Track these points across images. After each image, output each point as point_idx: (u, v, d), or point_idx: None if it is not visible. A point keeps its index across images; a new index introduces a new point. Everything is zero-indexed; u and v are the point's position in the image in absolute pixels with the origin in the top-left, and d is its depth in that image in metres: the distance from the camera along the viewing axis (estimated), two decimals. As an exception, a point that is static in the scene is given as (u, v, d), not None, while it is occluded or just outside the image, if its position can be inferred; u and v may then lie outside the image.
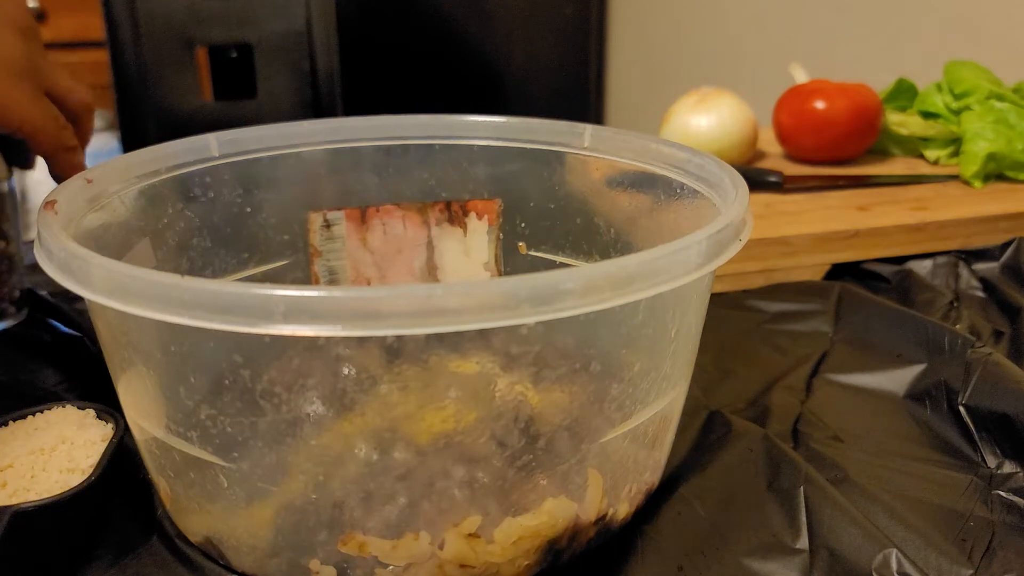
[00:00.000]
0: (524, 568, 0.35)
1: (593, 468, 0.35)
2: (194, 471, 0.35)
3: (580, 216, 0.50)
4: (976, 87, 0.81)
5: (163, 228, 0.45)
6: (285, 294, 0.27)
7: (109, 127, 1.88)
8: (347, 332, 0.27)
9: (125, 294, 0.29)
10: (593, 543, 0.37)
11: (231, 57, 1.69)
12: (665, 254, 0.31)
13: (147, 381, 0.35)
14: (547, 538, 0.34)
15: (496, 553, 0.34)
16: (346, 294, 0.27)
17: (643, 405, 0.36)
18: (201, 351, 0.33)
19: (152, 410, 0.35)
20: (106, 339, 0.36)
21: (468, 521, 0.33)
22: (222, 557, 0.36)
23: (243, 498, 0.35)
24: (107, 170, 0.41)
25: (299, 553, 0.34)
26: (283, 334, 0.27)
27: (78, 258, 0.31)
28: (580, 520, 0.35)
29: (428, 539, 0.33)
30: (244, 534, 0.35)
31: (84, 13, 1.87)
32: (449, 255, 0.52)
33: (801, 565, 0.37)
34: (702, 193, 0.42)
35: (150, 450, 0.37)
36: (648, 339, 0.35)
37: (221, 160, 0.47)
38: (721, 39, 1.50)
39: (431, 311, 0.27)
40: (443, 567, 0.33)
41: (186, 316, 0.28)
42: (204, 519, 0.36)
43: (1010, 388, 0.45)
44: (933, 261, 0.67)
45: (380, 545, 0.33)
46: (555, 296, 0.28)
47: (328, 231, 0.50)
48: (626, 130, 0.49)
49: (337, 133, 0.51)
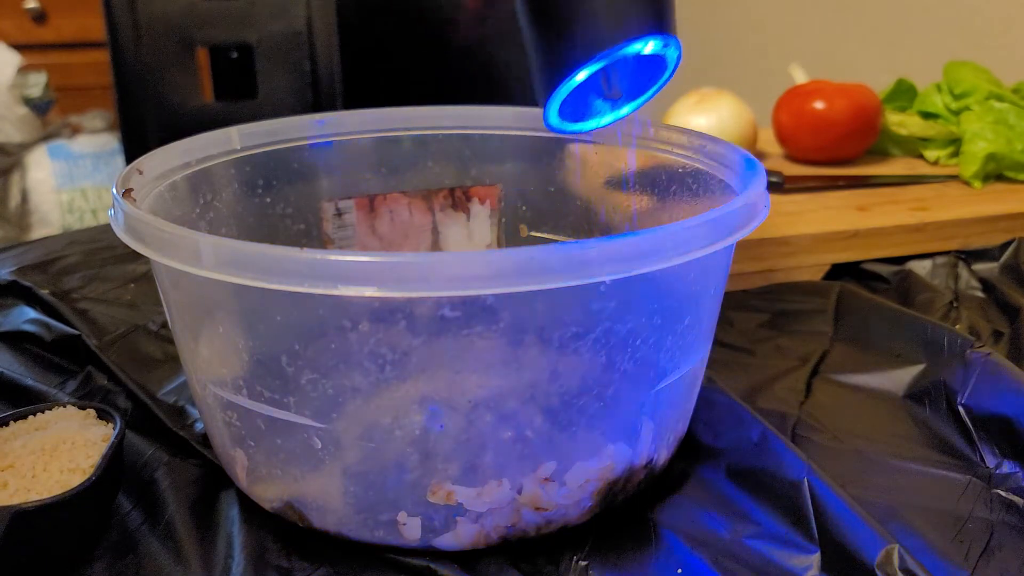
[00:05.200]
0: (587, 510, 0.39)
1: (646, 416, 0.39)
2: (282, 437, 0.37)
3: (579, 198, 0.53)
4: (976, 87, 0.81)
5: (196, 218, 0.47)
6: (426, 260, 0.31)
7: (110, 127, 1.88)
8: (495, 289, 0.31)
9: (244, 268, 0.31)
10: (641, 486, 0.41)
11: (231, 57, 1.69)
12: (720, 215, 0.35)
13: (243, 353, 0.37)
14: (608, 481, 0.38)
15: (566, 495, 0.37)
16: (471, 257, 0.31)
17: (687, 356, 0.40)
18: (310, 319, 0.35)
19: (243, 380, 0.37)
20: (187, 316, 0.38)
21: (544, 466, 0.37)
22: (302, 520, 0.38)
23: (337, 458, 0.37)
24: (150, 163, 0.44)
25: (387, 506, 0.37)
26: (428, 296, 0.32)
27: (184, 237, 0.33)
28: (633, 464, 0.39)
29: (509, 485, 0.36)
30: (334, 493, 0.37)
31: (84, 13, 1.87)
32: (453, 239, 0.55)
33: (810, 560, 0.37)
34: (706, 171, 0.45)
35: (229, 423, 0.39)
36: (696, 296, 0.39)
37: (243, 152, 0.50)
38: (721, 39, 1.50)
39: (531, 271, 0.31)
40: (519, 511, 0.37)
41: (308, 285, 0.31)
42: (287, 484, 0.38)
43: (1009, 388, 0.45)
44: (933, 261, 0.67)
45: (466, 493, 0.36)
46: (640, 255, 0.32)
47: (339, 219, 0.52)
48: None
49: (345, 125, 0.53)
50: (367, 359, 0.35)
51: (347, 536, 0.38)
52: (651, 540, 0.39)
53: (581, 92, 0.44)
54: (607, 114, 0.45)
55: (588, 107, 0.46)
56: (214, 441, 0.42)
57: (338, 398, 0.36)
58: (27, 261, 0.66)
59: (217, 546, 0.39)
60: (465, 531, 0.37)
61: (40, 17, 1.93)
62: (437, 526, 0.37)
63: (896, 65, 1.05)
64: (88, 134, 1.86)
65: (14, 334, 0.55)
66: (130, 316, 0.58)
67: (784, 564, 0.37)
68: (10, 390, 0.50)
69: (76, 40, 1.94)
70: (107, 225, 0.58)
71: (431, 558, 0.37)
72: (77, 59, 1.93)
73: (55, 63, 1.89)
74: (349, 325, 0.34)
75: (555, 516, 0.38)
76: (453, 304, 0.34)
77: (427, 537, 0.37)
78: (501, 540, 0.38)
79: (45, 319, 0.56)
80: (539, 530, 0.38)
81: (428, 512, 0.37)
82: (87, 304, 0.60)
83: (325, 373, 0.35)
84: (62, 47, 1.94)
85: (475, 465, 0.36)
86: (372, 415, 0.36)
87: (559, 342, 0.36)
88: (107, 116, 1.89)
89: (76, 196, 1.79)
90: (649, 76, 0.44)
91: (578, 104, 0.45)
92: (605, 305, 0.36)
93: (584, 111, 0.46)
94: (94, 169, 1.81)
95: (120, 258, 0.68)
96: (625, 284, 0.34)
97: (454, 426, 0.36)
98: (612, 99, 0.45)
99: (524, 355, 0.37)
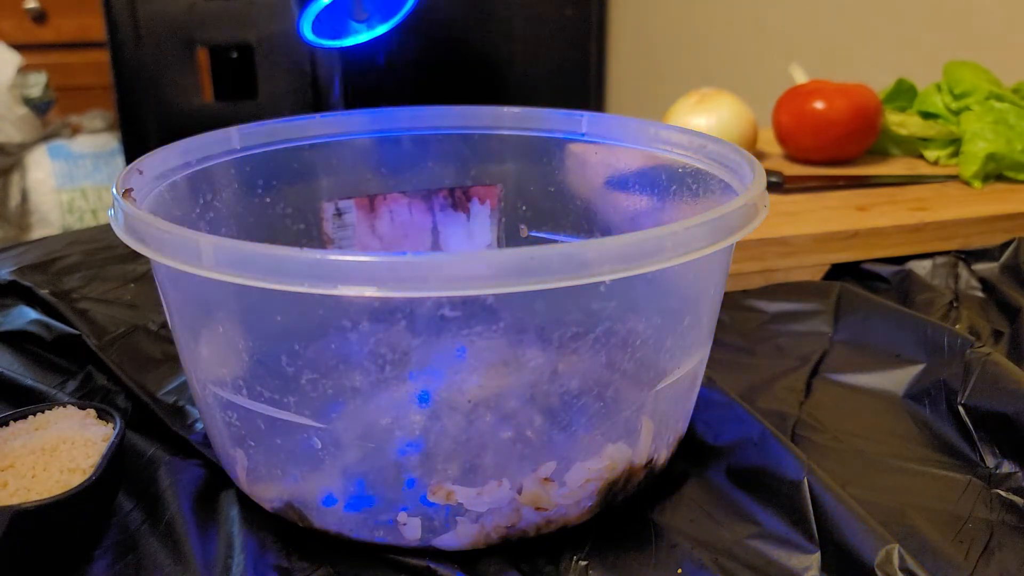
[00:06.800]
0: (587, 510, 0.39)
1: (646, 416, 0.39)
2: (282, 437, 0.37)
3: (579, 198, 0.53)
4: (975, 87, 0.81)
5: (196, 218, 0.47)
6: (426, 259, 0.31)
7: (110, 127, 1.88)
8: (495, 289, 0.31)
9: (244, 268, 0.31)
10: (641, 486, 0.41)
11: (231, 57, 1.69)
12: (720, 215, 0.35)
13: (243, 353, 0.37)
14: (608, 481, 0.38)
15: (566, 495, 0.37)
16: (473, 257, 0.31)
17: (687, 356, 0.40)
18: (310, 319, 0.35)
19: (242, 380, 0.37)
20: (187, 316, 0.39)
21: (544, 466, 0.37)
22: (302, 520, 0.38)
23: (337, 458, 0.37)
24: (150, 163, 0.44)
25: (387, 507, 0.37)
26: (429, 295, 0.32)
27: (185, 237, 0.33)
28: (633, 464, 0.39)
29: (509, 485, 0.36)
30: (334, 493, 0.37)
31: (85, 14, 1.87)
32: (453, 239, 0.55)
33: (810, 560, 0.37)
34: (706, 171, 0.45)
35: (229, 423, 0.39)
36: (696, 296, 0.40)
37: (243, 153, 0.50)
38: (721, 39, 1.50)
39: (530, 270, 0.31)
40: (519, 510, 0.37)
41: (308, 285, 0.31)
42: (288, 483, 0.38)
43: (1009, 388, 0.45)
44: (933, 261, 0.67)
45: (466, 493, 0.36)
46: (640, 255, 0.32)
47: (339, 219, 0.52)
48: (621, 116, 0.51)
49: (345, 125, 0.53)
50: (367, 359, 0.35)
51: (347, 536, 0.38)
52: (651, 540, 0.39)
53: (340, 12, 0.47)
54: (363, 33, 0.48)
55: (347, 27, 0.49)
56: (214, 441, 0.42)
57: (338, 398, 0.36)
58: (27, 261, 0.66)
59: (217, 546, 0.39)
60: (465, 531, 0.37)
61: (40, 17, 1.93)
62: (437, 526, 0.37)
63: (896, 65, 1.05)
64: (88, 134, 1.86)
65: (14, 334, 0.55)
66: (130, 316, 0.58)
67: (784, 564, 0.37)
68: (10, 390, 0.50)
69: (76, 40, 1.94)
70: (107, 225, 0.58)
71: (431, 558, 0.37)
72: (77, 59, 1.93)
73: (55, 63, 1.89)
74: (349, 325, 0.34)
75: (555, 516, 0.38)
76: (453, 304, 0.34)
77: (427, 537, 0.37)
78: (501, 540, 0.38)
79: (45, 319, 0.56)
80: (539, 530, 0.38)
81: (428, 512, 0.37)
82: (87, 304, 0.60)
83: (325, 373, 0.35)
84: (62, 47, 1.94)
85: (475, 465, 0.36)
86: (372, 415, 0.36)
87: (559, 342, 0.36)
88: (107, 116, 1.89)
89: (76, 196, 1.79)
90: (397, 4, 0.47)
91: (338, 23, 0.48)
92: (605, 305, 0.36)
93: (343, 30, 0.48)
94: (94, 169, 1.81)
95: (120, 258, 0.68)
96: (625, 284, 0.35)
97: (454, 426, 0.36)
98: (361, 20, 0.48)
99: (524, 355, 0.38)
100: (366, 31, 0.47)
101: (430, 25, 1.74)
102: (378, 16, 0.47)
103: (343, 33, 0.48)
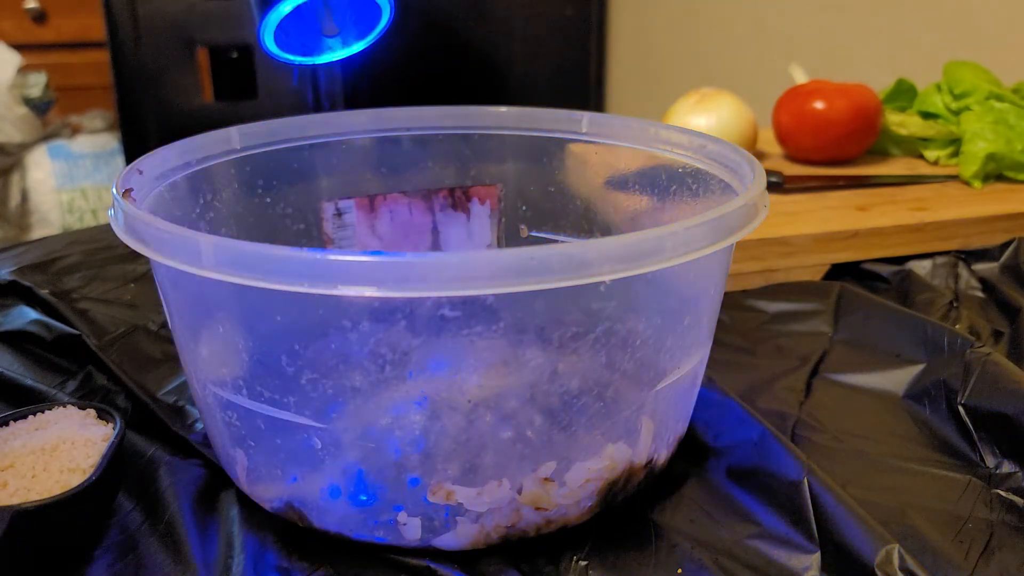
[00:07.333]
0: (587, 510, 0.39)
1: (646, 416, 0.39)
2: (282, 437, 0.37)
3: (579, 198, 0.53)
4: (975, 87, 0.81)
5: (196, 218, 0.47)
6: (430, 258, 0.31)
7: (110, 127, 1.88)
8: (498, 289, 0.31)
9: (244, 268, 0.31)
10: (641, 486, 0.41)
11: (231, 57, 1.69)
12: (720, 215, 0.35)
13: (243, 353, 0.37)
14: (608, 481, 0.38)
15: (566, 495, 0.37)
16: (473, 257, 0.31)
17: (687, 356, 0.40)
18: (310, 319, 0.35)
19: (242, 380, 0.37)
20: (187, 316, 0.39)
21: (544, 466, 0.37)
22: (302, 520, 0.38)
23: (337, 458, 0.37)
24: (150, 163, 0.44)
25: (387, 506, 0.37)
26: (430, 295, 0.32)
27: (185, 237, 0.33)
28: (633, 464, 0.39)
29: (509, 485, 0.36)
30: (334, 493, 0.37)
31: (84, 14, 1.87)
32: (453, 239, 0.55)
33: (810, 560, 0.37)
34: (706, 171, 0.45)
35: (229, 423, 0.39)
36: (696, 296, 0.40)
37: (242, 152, 0.50)
38: (721, 39, 1.50)
39: (530, 271, 0.31)
40: (519, 510, 0.37)
41: (308, 285, 0.31)
42: (288, 483, 0.38)
43: (1009, 388, 0.45)
44: (933, 261, 0.67)
45: (466, 493, 0.36)
46: (640, 255, 0.32)
47: (339, 219, 0.52)
48: (621, 116, 0.51)
49: (345, 125, 0.54)
50: (367, 359, 0.35)
51: (347, 536, 0.38)
52: (651, 540, 0.39)
53: (309, 26, 0.46)
54: (338, 51, 0.47)
55: (319, 43, 0.48)
56: (214, 441, 0.42)
57: (338, 398, 0.36)
58: (27, 261, 0.66)
59: (217, 546, 0.39)
60: (465, 531, 0.37)
61: (40, 17, 1.93)
62: (437, 526, 0.37)
63: (896, 65, 1.05)
64: (88, 134, 1.86)
65: (14, 334, 0.55)
66: (130, 316, 0.58)
67: (784, 564, 0.37)
68: (10, 390, 0.50)
69: (76, 40, 1.94)
70: (107, 225, 0.58)
71: (431, 558, 0.37)
72: (77, 59, 1.93)
73: (55, 63, 1.89)
74: (349, 325, 0.35)
75: (555, 516, 0.38)
76: (453, 304, 0.35)
77: (427, 537, 0.37)
78: (501, 540, 0.38)
79: (45, 319, 0.56)
80: (539, 530, 0.38)
81: (428, 512, 0.37)
82: (87, 304, 0.60)
83: (325, 373, 0.35)
84: (62, 47, 1.94)
85: (475, 465, 0.36)
86: (372, 415, 0.36)
87: (559, 342, 0.36)
88: (107, 116, 1.89)
89: (76, 196, 1.79)
90: (371, 21, 0.46)
91: (309, 38, 0.48)
92: (605, 305, 0.36)
93: (316, 46, 0.48)
94: (94, 169, 1.81)
95: (120, 258, 0.68)
96: (625, 284, 0.35)
97: (454, 426, 0.36)
98: (329, 36, 0.47)
99: (524, 355, 0.37)
100: (340, 48, 0.47)
101: (430, 25, 1.74)
102: (353, 32, 0.47)
103: (316, 49, 0.47)
